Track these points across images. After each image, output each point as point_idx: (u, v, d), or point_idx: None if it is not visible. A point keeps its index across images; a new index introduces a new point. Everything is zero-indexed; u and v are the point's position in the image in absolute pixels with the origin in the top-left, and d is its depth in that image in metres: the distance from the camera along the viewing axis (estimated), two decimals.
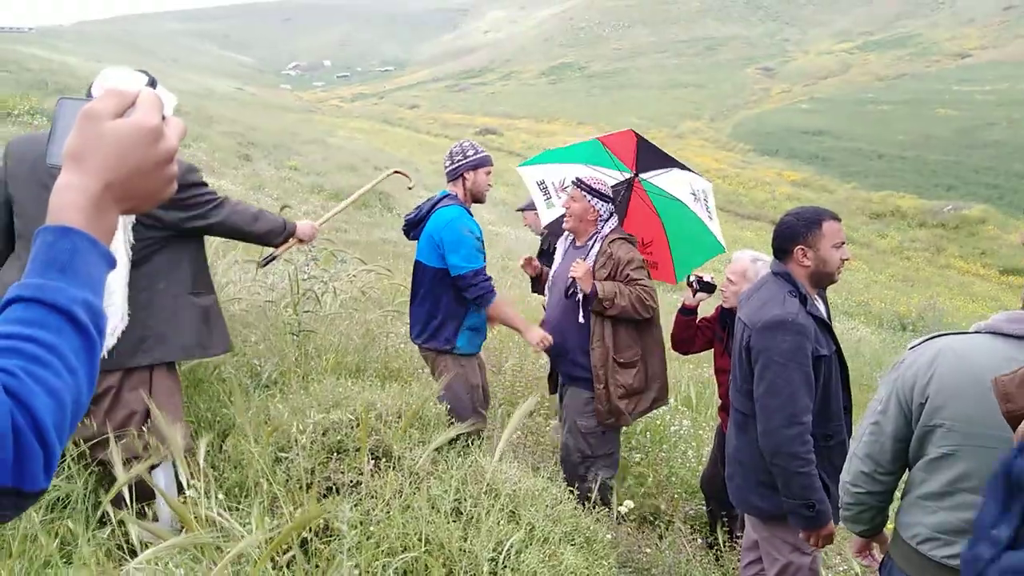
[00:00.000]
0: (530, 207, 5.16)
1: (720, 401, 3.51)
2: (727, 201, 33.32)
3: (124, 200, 0.76)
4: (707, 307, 3.70)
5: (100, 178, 0.73)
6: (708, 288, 3.41)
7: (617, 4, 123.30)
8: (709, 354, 3.73)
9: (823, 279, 2.62)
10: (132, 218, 2.37)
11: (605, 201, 3.45)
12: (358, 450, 2.57)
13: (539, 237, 5.13)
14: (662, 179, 3.92)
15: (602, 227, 3.46)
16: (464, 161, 3.43)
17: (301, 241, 2.97)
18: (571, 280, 3.37)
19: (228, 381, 3.08)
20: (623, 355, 3.35)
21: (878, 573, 2.01)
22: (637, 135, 3.87)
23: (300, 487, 2.35)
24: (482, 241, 3.36)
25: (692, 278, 3.38)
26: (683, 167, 3.91)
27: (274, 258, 3.03)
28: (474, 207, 3.53)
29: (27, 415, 0.65)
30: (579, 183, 3.45)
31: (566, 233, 3.61)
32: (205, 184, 2.58)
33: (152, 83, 2.48)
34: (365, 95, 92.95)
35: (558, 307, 3.46)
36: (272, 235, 2.79)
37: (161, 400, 2.47)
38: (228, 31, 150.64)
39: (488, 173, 3.47)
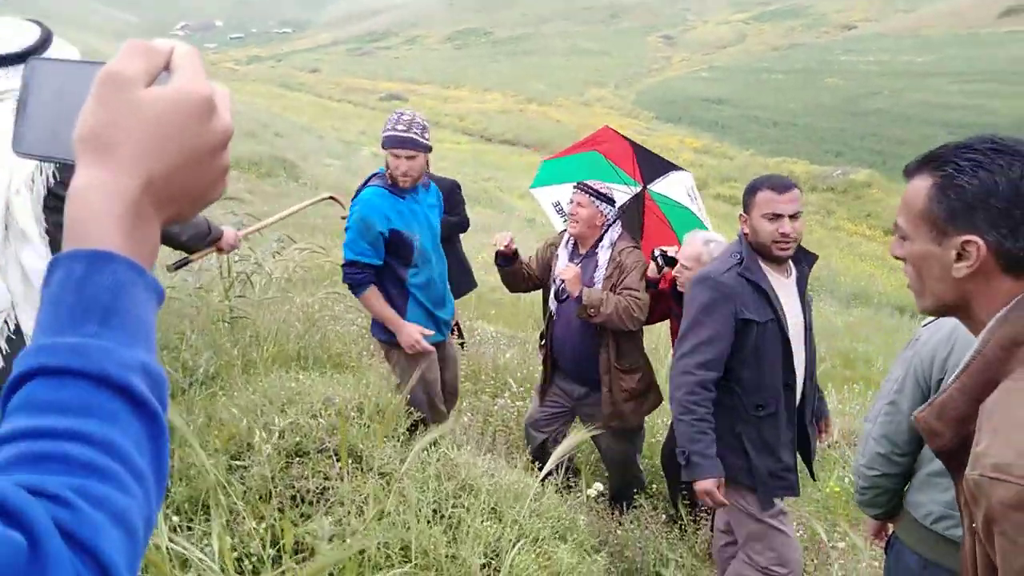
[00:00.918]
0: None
1: None
2: None
3: (168, 203, 0.53)
4: None
5: (139, 173, 0.51)
6: (672, 263, 3.36)
7: None
8: (668, 332, 3.69)
9: (760, 249, 2.53)
10: (40, 200, 1.95)
11: (610, 204, 3.36)
12: (320, 451, 2.35)
13: None
14: (665, 186, 3.89)
15: (607, 231, 3.36)
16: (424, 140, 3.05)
17: (220, 250, 2.65)
18: (561, 283, 3.29)
19: None
20: (624, 362, 3.32)
21: (884, 554, 1.98)
22: (631, 142, 3.86)
23: (261, 498, 2.12)
24: (391, 232, 3.02)
25: (657, 252, 3.31)
26: (677, 168, 3.92)
27: (188, 262, 2.68)
28: None
29: (94, 564, 0.43)
30: (584, 187, 3.32)
31: (566, 239, 3.47)
32: None
33: (47, 37, 2.01)
34: (261, 58, 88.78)
35: (567, 313, 3.36)
36: (196, 240, 2.45)
37: None
38: None
39: (396, 155, 3.03)
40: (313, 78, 69.54)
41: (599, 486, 3.07)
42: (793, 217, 2.47)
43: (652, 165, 3.92)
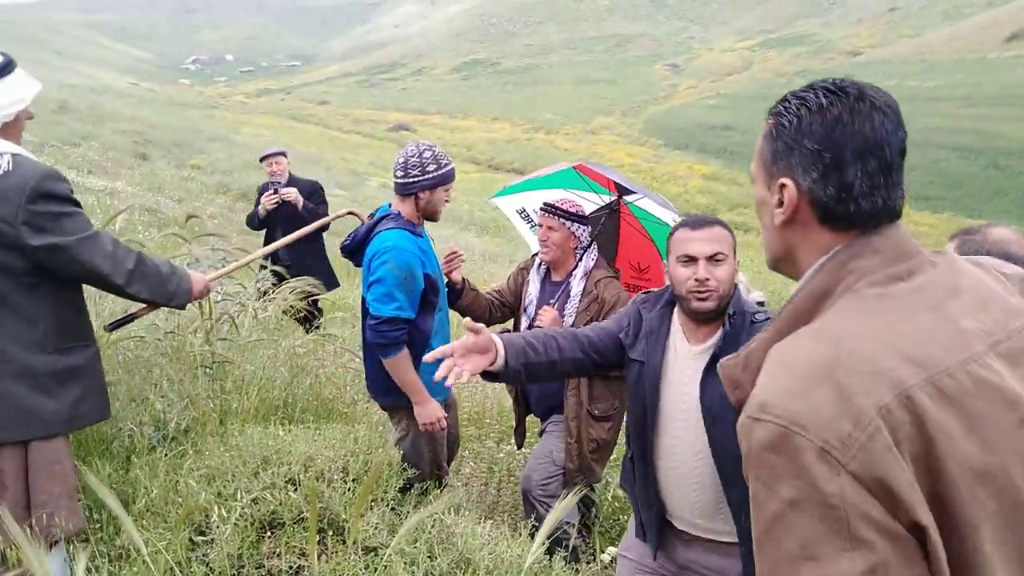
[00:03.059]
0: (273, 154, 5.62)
1: None
2: None
3: None
4: None
5: None
6: None
7: (526, 2, 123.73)
8: None
9: (680, 302, 2.03)
10: None
11: (584, 224, 3.06)
12: (297, 522, 2.07)
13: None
14: (646, 203, 3.60)
15: (582, 257, 3.06)
16: (422, 179, 2.71)
17: (192, 299, 2.32)
18: (533, 318, 3.03)
19: (122, 438, 2.49)
20: (598, 406, 2.96)
21: None
22: (610, 175, 3.60)
23: None
24: (424, 277, 2.69)
25: None
26: (658, 199, 3.64)
27: (132, 319, 2.36)
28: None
29: None
30: (551, 209, 3.02)
31: (538, 263, 3.18)
32: (72, 201, 1.93)
33: (8, 65, 1.91)
34: (271, 90, 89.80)
35: None
36: (160, 296, 2.13)
37: (42, 476, 1.89)
38: (125, 23, 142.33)
39: (447, 190, 2.78)
40: (322, 110, 70.08)
41: (613, 550, 2.76)
42: (714, 260, 1.97)
43: (627, 185, 3.62)
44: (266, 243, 5.50)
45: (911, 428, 0.80)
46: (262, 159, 5.65)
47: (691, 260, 1.98)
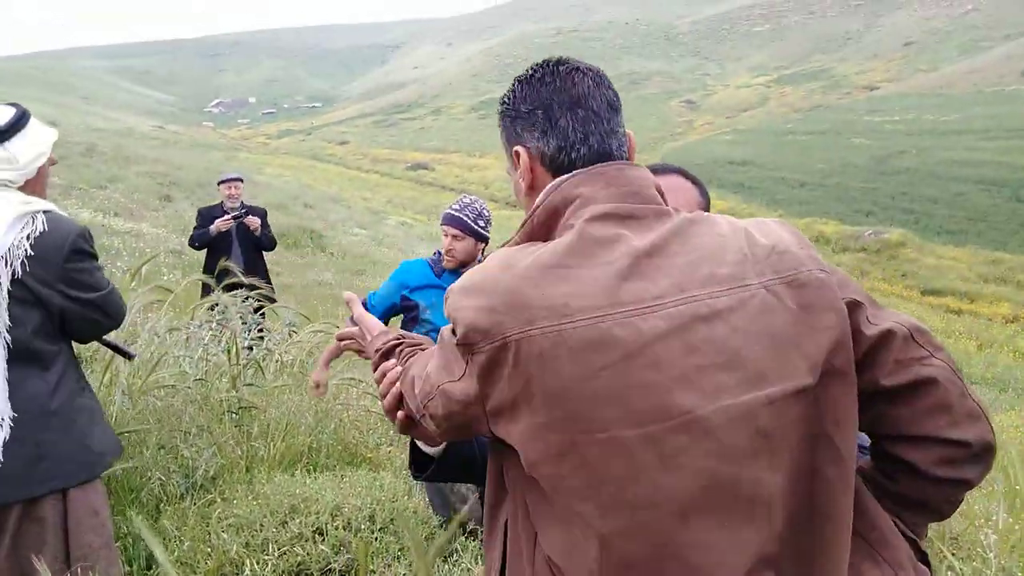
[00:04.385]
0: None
1: None
2: None
3: None
4: None
5: None
6: None
7: (543, 41, 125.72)
8: None
9: None
10: (4, 294, 1.79)
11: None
12: (324, 573, 2.06)
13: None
14: None
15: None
16: (486, 230, 3.04)
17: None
18: None
19: (151, 487, 2.49)
20: None
21: None
22: None
23: None
24: (399, 297, 3.01)
25: None
26: None
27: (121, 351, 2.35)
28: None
29: None
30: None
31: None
32: (96, 257, 1.98)
33: (23, 117, 1.92)
34: (292, 131, 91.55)
35: None
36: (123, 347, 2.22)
37: (83, 528, 1.89)
38: (150, 68, 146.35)
39: None
40: (342, 149, 71.24)
41: None
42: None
43: None
44: (210, 263, 5.91)
45: (525, 362, 0.90)
46: (220, 183, 6.16)
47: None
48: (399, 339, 1.28)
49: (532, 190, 1.08)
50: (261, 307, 4.40)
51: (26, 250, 1.77)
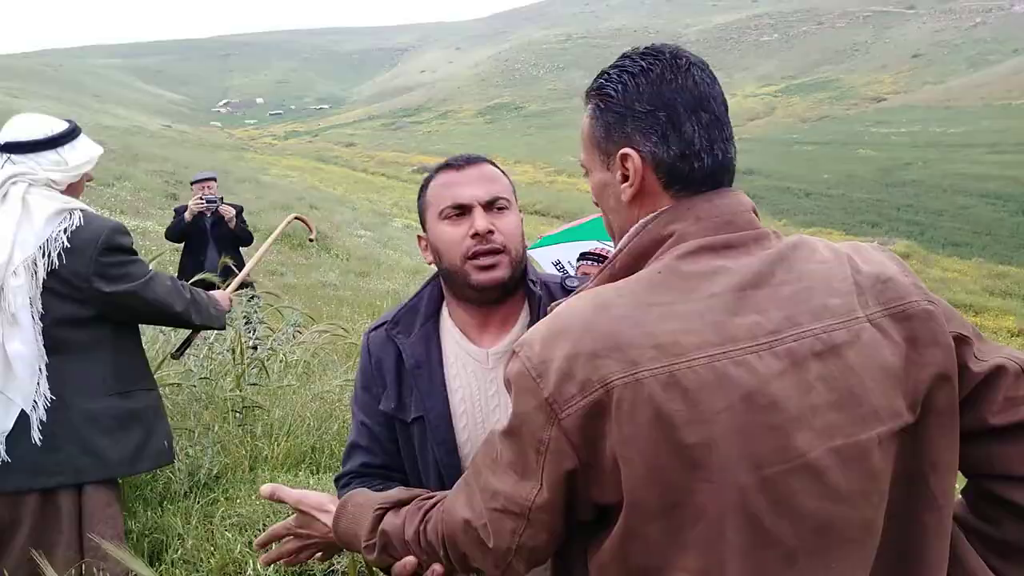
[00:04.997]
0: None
1: None
2: None
3: None
4: None
5: None
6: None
7: (551, 47, 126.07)
8: None
9: (451, 281, 1.38)
10: (39, 283, 1.88)
11: None
12: (328, 574, 2.06)
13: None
14: None
15: None
16: None
17: None
18: None
19: (156, 485, 2.50)
20: None
21: None
22: None
23: None
24: None
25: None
26: None
27: (189, 345, 2.53)
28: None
29: None
30: (590, 256, 3.10)
31: None
32: (134, 252, 2.07)
33: (75, 131, 2.07)
34: (299, 133, 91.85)
35: None
36: (207, 319, 2.26)
37: (96, 520, 1.94)
38: (161, 67, 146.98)
39: None
40: (348, 151, 71.44)
41: None
42: (494, 208, 1.35)
43: None
44: (188, 254, 6.02)
45: (632, 409, 0.81)
46: (193, 183, 6.19)
47: (462, 212, 1.34)
48: (403, 497, 1.08)
49: (635, 202, 0.97)
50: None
51: (63, 243, 1.87)
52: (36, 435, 1.83)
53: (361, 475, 1.37)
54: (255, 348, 3.61)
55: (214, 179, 6.25)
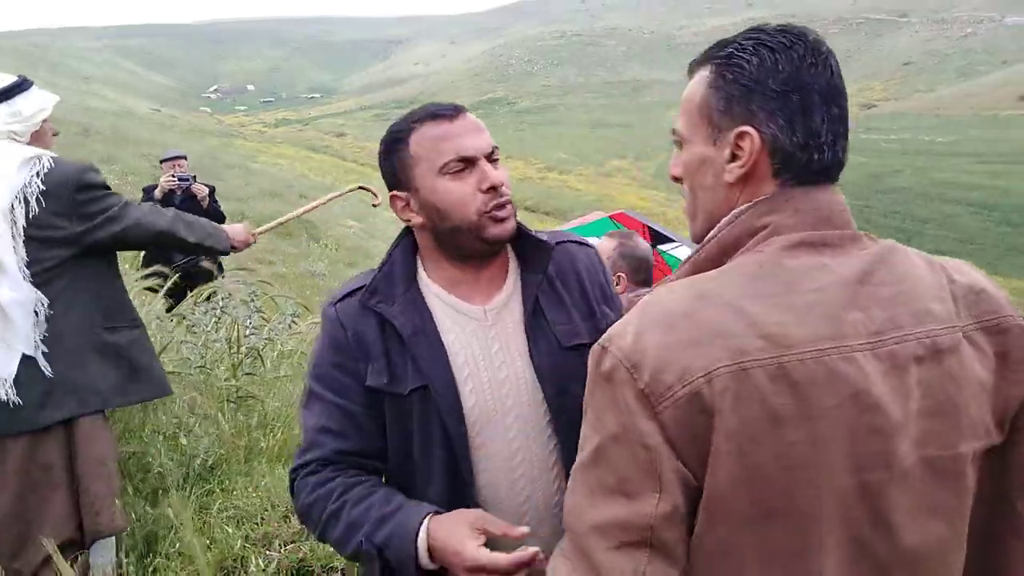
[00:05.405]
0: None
1: None
2: None
3: None
4: None
5: None
6: None
7: (546, 43, 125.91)
8: None
9: (457, 240, 1.27)
10: (20, 230, 1.91)
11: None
12: (326, 570, 2.01)
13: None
14: (683, 251, 3.67)
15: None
16: None
17: (234, 248, 2.47)
18: None
19: (149, 476, 2.44)
20: None
21: None
22: (646, 224, 3.71)
23: None
24: None
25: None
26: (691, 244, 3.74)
27: (194, 262, 2.53)
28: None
29: None
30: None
31: None
32: (108, 187, 2.10)
33: (24, 83, 2.08)
34: (289, 121, 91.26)
35: None
36: (205, 239, 2.28)
37: (88, 462, 1.95)
38: (152, 50, 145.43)
39: None
40: (338, 142, 71.02)
41: None
42: (491, 159, 1.29)
43: (663, 235, 3.78)
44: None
45: (735, 400, 0.76)
46: (163, 160, 6.07)
47: (470, 163, 1.25)
48: None
49: (738, 184, 0.90)
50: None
51: (38, 187, 1.91)
52: (47, 372, 1.88)
53: (331, 463, 1.24)
54: (248, 337, 3.55)
55: (185, 157, 6.12)
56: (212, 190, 6.06)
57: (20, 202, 1.89)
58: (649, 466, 0.78)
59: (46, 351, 1.90)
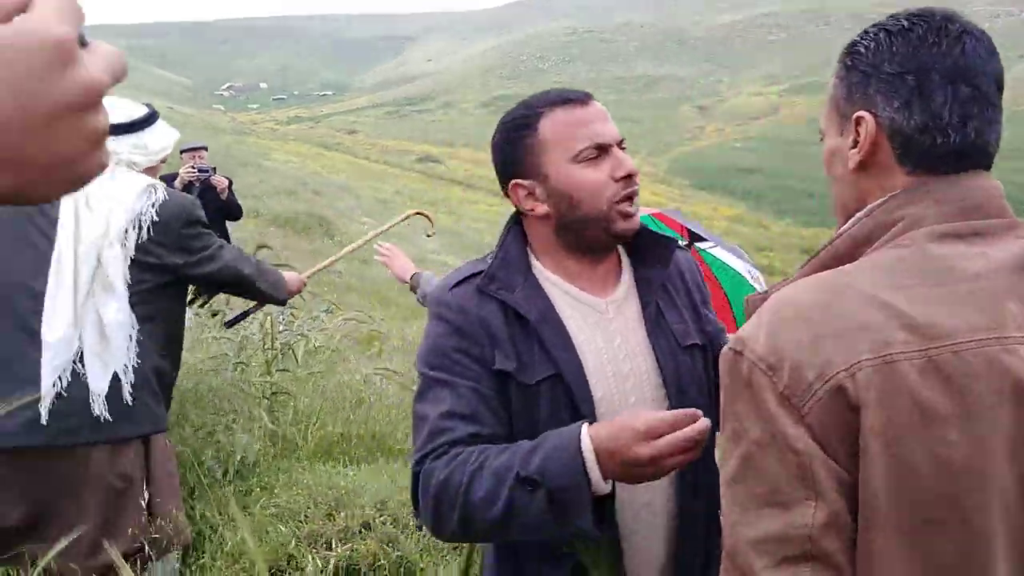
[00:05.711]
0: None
1: None
2: None
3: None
4: None
5: None
6: None
7: (557, 40, 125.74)
8: None
9: (583, 231, 1.24)
10: (130, 252, 1.97)
11: None
12: (373, 569, 1.98)
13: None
14: (718, 251, 3.61)
15: None
16: None
17: (290, 295, 2.49)
18: None
19: (187, 474, 2.42)
20: None
21: None
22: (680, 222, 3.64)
23: None
24: None
25: None
26: (731, 248, 3.66)
27: (246, 316, 2.58)
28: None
29: None
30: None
31: None
32: (207, 224, 2.18)
33: (153, 116, 2.13)
34: (301, 118, 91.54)
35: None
36: (271, 288, 2.30)
37: (161, 477, 2.02)
38: (165, 50, 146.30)
39: None
40: (351, 139, 71.20)
41: None
42: (622, 149, 1.27)
43: (700, 233, 3.69)
44: None
45: (882, 395, 0.71)
46: (183, 151, 5.85)
47: (604, 151, 1.22)
48: None
49: (861, 171, 0.87)
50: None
51: (152, 217, 1.98)
52: (128, 398, 1.91)
53: (463, 444, 1.14)
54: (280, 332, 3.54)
55: (205, 148, 6.05)
56: (230, 183, 6.05)
57: (134, 228, 1.97)
58: (801, 471, 0.73)
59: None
